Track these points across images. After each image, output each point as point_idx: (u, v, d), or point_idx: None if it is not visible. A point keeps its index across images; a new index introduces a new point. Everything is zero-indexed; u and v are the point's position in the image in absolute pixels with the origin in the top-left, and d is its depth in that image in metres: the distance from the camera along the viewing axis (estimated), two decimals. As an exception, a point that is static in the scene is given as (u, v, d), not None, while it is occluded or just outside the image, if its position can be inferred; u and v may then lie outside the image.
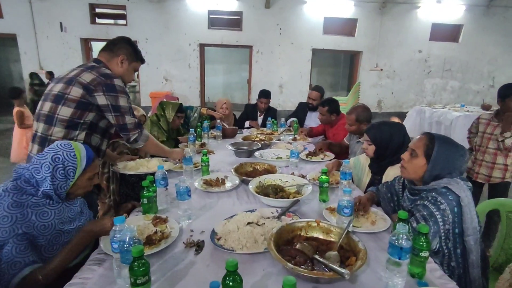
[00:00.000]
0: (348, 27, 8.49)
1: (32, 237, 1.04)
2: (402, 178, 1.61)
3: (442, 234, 1.27)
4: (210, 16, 8.08)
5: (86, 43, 8.04)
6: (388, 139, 1.88)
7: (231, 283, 0.80)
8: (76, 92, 1.50)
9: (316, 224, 1.25)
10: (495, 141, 2.36)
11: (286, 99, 8.53)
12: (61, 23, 7.71)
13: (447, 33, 8.71)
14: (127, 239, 0.92)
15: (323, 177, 1.65)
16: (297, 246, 1.14)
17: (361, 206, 1.47)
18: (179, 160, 2.07)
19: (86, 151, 1.21)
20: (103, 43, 1.80)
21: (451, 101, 8.95)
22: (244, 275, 1.03)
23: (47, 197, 1.11)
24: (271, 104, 4.00)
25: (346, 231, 1.16)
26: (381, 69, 8.75)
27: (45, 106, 1.54)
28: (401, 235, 0.96)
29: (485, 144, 2.44)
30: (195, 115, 3.45)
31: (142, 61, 1.85)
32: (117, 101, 1.59)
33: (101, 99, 1.54)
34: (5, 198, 1.05)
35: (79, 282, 0.99)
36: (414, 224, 1.30)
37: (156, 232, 1.26)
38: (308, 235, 1.23)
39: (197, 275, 1.05)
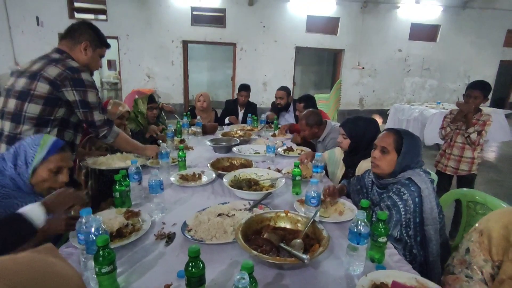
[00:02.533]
0: (330, 25, 8.61)
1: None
2: (371, 172, 1.68)
3: (404, 223, 1.34)
4: (193, 12, 8.01)
5: (64, 39, 7.82)
6: (362, 134, 1.95)
7: (193, 269, 0.83)
8: (42, 88, 1.45)
9: (284, 214, 1.29)
10: (462, 135, 2.48)
11: (270, 97, 8.54)
12: (37, 17, 7.44)
13: (425, 33, 8.99)
14: (93, 230, 0.93)
15: (296, 170, 1.70)
16: (265, 236, 1.18)
17: (330, 194, 1.53)
18: (152, 157, 2.06)
19: (54, 141, 1.20)
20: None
21: (429, 99, 9.25)
22: (212, 263, 1.07)
23: (17, 188, 1.10)
24: (255, 101, 4.03)
25: (312, 220, 1.21)
26: (363, 68, 8.94)
27: (9, 104, 1.47)
28: (359, 222, 1.02)
29: (453, 138, 2.56)
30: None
31: (107, 46, 1.76)
32: (86, 96, 1.54)
33: (69, 95, 1.50)
34: None
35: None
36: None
37: (127, 225, 1.27)
38: (276, 225, 1.28)
39: (166, 265, 1.07)
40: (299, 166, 1.71)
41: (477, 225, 1.11)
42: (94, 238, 0.92)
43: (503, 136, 5.61)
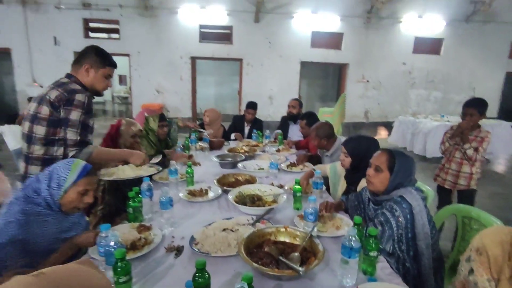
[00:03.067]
0: (334, 40, 8.82)
1: (28, 244, 1.17)
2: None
3: (396, 238, 1.43)
4: (201, 30, 8.33)
5: (79, 56, 8.19)
6: (364, 152, 1.99)
7: (200, 279, 0.94)
8: (45, 110, 1.57)
9: (284, 229, 1.40)
10: (460, 151, 2.56)
11: (276, 110, 8.75)
12: (55, 37, 7.85)
13: (429, 46, 9.11)
14: (112, 243, 1.05)
15: (296, 186, 1.80)
16: (266, 249, 1.28)
17: (326, 209, 1.63)
18: (140, 164, 2.01)
19: (84, 166, 1.33)
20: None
21: (434, 111, 9.28)
22: (217, 274, 1.17)
23: (48, 207, 1.24)
24: (261, 115, 4.20)
25: (309, 235, 1.31)
26: (367, 81, 9.06)
27: (25, 126, 1.62)
28: (350, 237, 1.12)
29: (452, 153, 2.64)
30: (174, 126, 3.61)
31: (112, 65, 1.80)
32: (69, 114, 1.58)
33: (62, 114, 1.59)
34: (15, 205, 1.19)
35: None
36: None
37: (140, 239, 1.39)
38: (277, 240, 1.38)
39: (175, 276, 1.18)
40: (300, 183, 1.82)
41: (473, 244, 1.11)
42: (113, 251, 1.04)
43: (510, 148, 5.60)
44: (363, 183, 2.02)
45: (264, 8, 8.15)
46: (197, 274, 0.94)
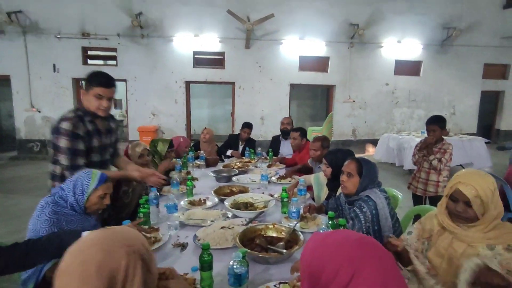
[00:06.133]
0: (321, 64, 9.39)
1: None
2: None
3: (364, 230, 1.71)
4: (195, 56, 8.81)
5: (77, 82, 8.52)
6: (342, 163, 2.33)
7: (205, 258, 1.20)
8: (50, 137, 1.85)
9: (272, 226, 1.67)
10: (427, 162, 2.90)
11: (267, 130, 9.12)
12: (54, 65, 8.21)
13: (409, 68, 9.75)
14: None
15: (283, 193, 2.09)
16: (257, 241, 1.55)
17: (309, 211, 1.91)
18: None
19: (101, 175, 1.61)
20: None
21: (419, 128, 9.74)
22: (217, 262, 1.43)
23: (72, 209, 1.50)
24: (253, 134, 4.57)
25: (293, 229, 1.59)
26: (354, 101, 9.58)
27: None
28: (324, 227, 1.40)
29: (421, 164, 2.97)
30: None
31: (100, 85, 1.80)
32: (57, 141, 1.76)
33: (54, 141, 1.81)
34: (47, 208, 1.46)
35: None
36: (348, 224, 1.75)
37: (150, 237, 1.64)
38: (266, 234, 1.65)
39: (182, 265, 1.43)
40: (286, 191, 2.11)
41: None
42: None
43: (483, 162, 6.01)
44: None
45: (254, 35, 8.72)
46: (204, 254, 1.21)
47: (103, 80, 1.83)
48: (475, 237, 1.28)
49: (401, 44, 9.38)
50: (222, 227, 1.68)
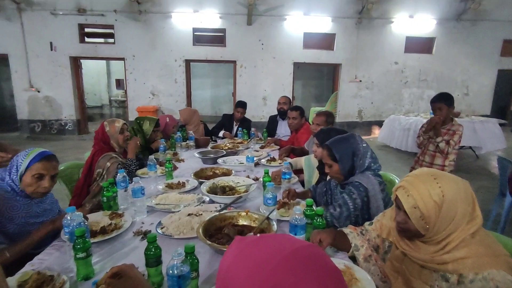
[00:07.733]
0: (326, 41, 8.93)
1: (1, 224, 1.27)
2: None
3: (353, 218, 1.52)
4: (195, 33, 8.45)
5: (75, 61, 8.32)
6: None
7: (151, 252, 1.03)
8: None
9: (245, 213, 1.49)
10: (433, 144, 2.64)
11: (270, 111, 8.82)
12: (51, 43, 8.00)
13: (420, 46, 9.19)
14: (74, 223, 1.15)
15: (266, 177, 1.90)
16: (225, 231, 1.37)
17: (288, 196, 1.72)
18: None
19: (40, 153, 1.41)
20: (92, 61, 1.90)
21: (428, 109, 9.31)
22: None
23: (14, 192, 1.34)
24: (255, 115, 4.33)
25: (266, 217, 1.40)
26: (360, 80, 9.15)
27: None
28: (296, 216, 1.21)
29: (426, 146, 2.72)
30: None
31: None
32: None
33: None
34: None
35: (38, 262, 1.21)
36: (331, 210, 1.56)
37: (110, 224, 1.49)
38: (238, 223, 1.47)
39: (138, 255, 1.27)
40: (271, 174, 1.91)
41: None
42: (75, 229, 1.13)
43: (497, 144, 5.67)
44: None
45: (257, 10, 8.28)
46: (149, 247, 1.03)
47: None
48: (424, 258, 1.01)
49: (413, 19, 8.80)
50: (189, 214, 1.51)
